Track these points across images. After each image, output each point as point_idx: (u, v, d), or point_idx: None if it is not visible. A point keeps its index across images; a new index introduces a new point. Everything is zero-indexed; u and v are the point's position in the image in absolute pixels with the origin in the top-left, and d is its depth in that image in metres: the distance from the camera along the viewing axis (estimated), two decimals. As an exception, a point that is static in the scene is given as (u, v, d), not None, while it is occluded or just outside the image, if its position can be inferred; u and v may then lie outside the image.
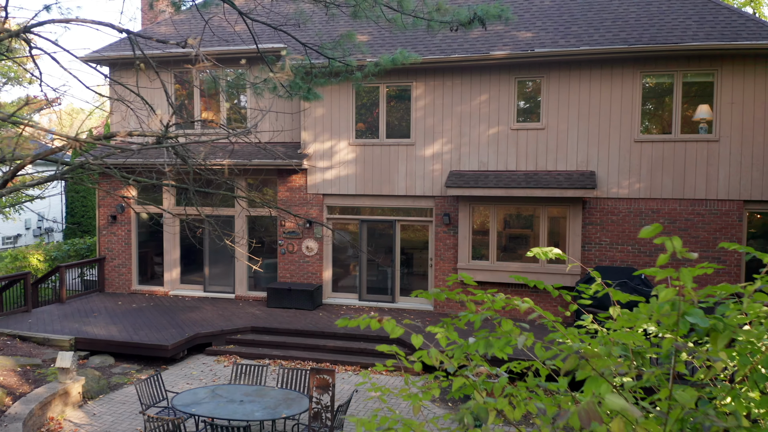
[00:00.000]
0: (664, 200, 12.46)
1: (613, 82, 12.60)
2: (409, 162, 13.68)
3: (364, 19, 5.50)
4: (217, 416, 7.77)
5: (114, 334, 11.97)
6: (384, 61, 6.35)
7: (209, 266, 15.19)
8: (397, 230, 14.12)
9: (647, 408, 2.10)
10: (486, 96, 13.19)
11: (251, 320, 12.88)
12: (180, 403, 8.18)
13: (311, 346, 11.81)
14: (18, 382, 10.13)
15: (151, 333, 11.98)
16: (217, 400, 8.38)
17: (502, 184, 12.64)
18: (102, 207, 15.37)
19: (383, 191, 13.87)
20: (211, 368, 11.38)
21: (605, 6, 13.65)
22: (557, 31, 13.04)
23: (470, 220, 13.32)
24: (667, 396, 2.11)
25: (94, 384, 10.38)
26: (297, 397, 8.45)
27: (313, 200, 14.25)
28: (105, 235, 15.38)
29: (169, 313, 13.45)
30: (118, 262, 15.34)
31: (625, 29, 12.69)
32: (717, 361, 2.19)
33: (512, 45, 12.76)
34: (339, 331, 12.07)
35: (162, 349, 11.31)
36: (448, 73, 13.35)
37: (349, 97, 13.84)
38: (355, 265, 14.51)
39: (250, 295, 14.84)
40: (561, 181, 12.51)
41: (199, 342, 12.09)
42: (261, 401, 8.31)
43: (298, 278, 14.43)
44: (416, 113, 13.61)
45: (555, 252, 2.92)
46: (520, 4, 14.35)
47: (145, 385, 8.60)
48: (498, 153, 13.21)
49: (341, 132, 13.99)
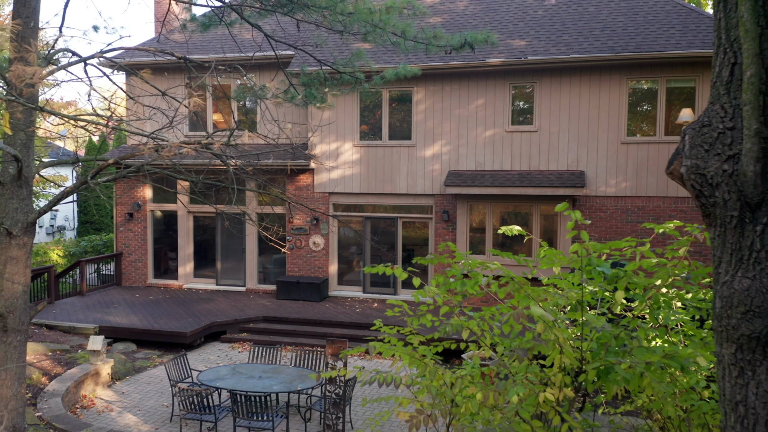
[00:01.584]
0: (649, 198, 13.63)
1: (601, 87, 13.78)
2: (411, 162, 14.86)
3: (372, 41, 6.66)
4: (238, 389, 8.93)
5: (135, 323, 13.14)
6: (388, 75, 7.50)
7: (221, 261, 16.38)
8: (399, 227, 15.30)
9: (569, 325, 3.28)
10: (482, 100, 14.38)
11: (262, 311, 14.06)
12: (205, 379, 9.35)
13: (319, 333, 12.98)
14: (51, 365, 11.31)
15: (170, 322, 13.16)
16: (237, 376, 9.55)
17: (498, 183, 13.82)
18: (119, 205, 16.56)
19: (386, 190, 15.06)
20: (227, 354, 12.56)
21: (594, 15, 14.84)
22: (549, 40, 14.22)
23: (468, 218, 14.50)
24: (581, 317, 3.30)
25: (120, 366, 11.56)
26: (310, 374, 9.62)
27: (319, 198, 15.43)
28: (122, 231, 16.57)
29: (185, 305, 14.63)
30: (135, 257, 16.54)
31: (613, 38, 13.87)
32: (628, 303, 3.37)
33: (507, 53, 13.94)
34: (345, 320, 13.24)
35: (181, 335, 12.49)
36: (447, 79, 14.53)
37: (354, 101, 15.02)
38: (359, 260, 15.69)
39: (260, 288, 16.03)
40: (552, 180, 13.69)
41: (214, 330, 13.27)
42: (278, 377, 9.48)
43: (305, 272, 15.62)
44: (417, 116, 14.80)
45: (517, 229, 4.10)
46: (514, 13, 15.53)
47: (173, 364, 9.77)
48: (494, 154, 14.39)
49: (346, 134, 15.18)
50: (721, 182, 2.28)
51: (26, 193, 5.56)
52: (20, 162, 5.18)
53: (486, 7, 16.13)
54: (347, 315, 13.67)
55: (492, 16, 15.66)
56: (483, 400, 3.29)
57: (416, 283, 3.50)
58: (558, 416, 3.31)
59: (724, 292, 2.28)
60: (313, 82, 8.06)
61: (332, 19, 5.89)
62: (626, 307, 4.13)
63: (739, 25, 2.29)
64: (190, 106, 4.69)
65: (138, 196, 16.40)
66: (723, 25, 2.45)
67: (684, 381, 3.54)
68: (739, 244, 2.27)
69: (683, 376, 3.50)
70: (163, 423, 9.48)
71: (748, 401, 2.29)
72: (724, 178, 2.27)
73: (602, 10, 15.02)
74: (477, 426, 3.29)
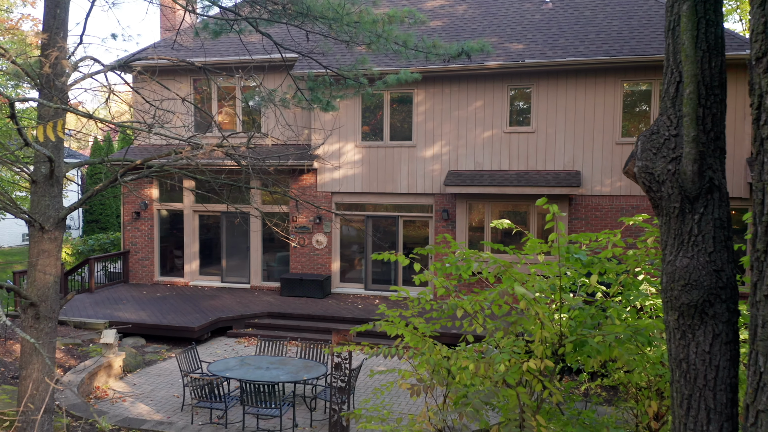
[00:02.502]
0: (642, 197, 14.17)
1: (596, 89, 14.32)
2: (411, 162, 15.40)
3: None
4: (247, 379, 9.46)
5: (144, 318, 13.68)
6: (391, 80, 8.03)
7: (226, 259, 16.92)
8: (400, 226, 15.84)
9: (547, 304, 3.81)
10: (481, 102, 14.92)
11: (267, 307, 14.60)
12: (215, 369, 9.89)
13: (323, 329, 13.51)
14: (65, 358, 11.85)
15: (178, 317, 13.70)
16: (246, 367, 10.09)
17: (496, 183, 14.36)
18: (126, 204, 17.11)
19: (387, 189, 15.60)
20: (233, 348, 13.10)
21: (590, 20, 15.38)
22: (546, 43, 14.76)
23: (467, 216, 15.04)
24: (559, 297, 3.83)
25: (131, 359, 12.09)
26: (315, 365, 10.16)
27: (322, 198, 15.97)
28: (129, 230, 17.12)
29: (192, 301, 15.17)
30: (142, 255, 17.08)
31: (608, 41, 14.41)
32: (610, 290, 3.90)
33: (505, 56, 14.48)
34: (347, 315, 13.78)
35: (189, 330, 13.03)
36: (446, 81, 15.07)
37: (356, 103, 15.56)
38: (361, 259, 16.23)
39: (264, 285, 16.57)
40: (549, 180, 14.23)
41: (221, 325, 13.81)
42: (284, 368, 10.02)
43: (308, 270, 16.16)
44: (417, 117, 15.34)
45: (506, 222, 4.63)
46: (512, 17, 16.08)
47: (183, 356, 10.30)
48: (492, 154, 14.94)
49: (348, 135, 15.72)
50: (666, 180, 2.80)
51: (57, 191, 6.10)
52: (53, 162, 5.72)
53: (485, 11, 16.67)
54: (350, 311, 14.20)
55: (490, 20, 16.21)
56: (475, 370, 3.83)
57: (417, 268, 4.03)
58: (540, 383, 3.85)
59: (669, 269, 2.80)
60: (319, 86, 8.61)
61: (339, 30, 6.42)
62: (606, 293, 4.67)
63: (681, 50, 2.82)
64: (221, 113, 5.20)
65: (145, 196, 16.93)
66: (671, 50, 2.99)
67: (651, 355, 4.06)
68: (681, 230, 2.79)
69: (651, 350, 4.03)
70: (175, 412, 10.02)
71: (690, 359, 2.81)
72: (669, 176, 2.80)
73: (598, 14, 15.56)
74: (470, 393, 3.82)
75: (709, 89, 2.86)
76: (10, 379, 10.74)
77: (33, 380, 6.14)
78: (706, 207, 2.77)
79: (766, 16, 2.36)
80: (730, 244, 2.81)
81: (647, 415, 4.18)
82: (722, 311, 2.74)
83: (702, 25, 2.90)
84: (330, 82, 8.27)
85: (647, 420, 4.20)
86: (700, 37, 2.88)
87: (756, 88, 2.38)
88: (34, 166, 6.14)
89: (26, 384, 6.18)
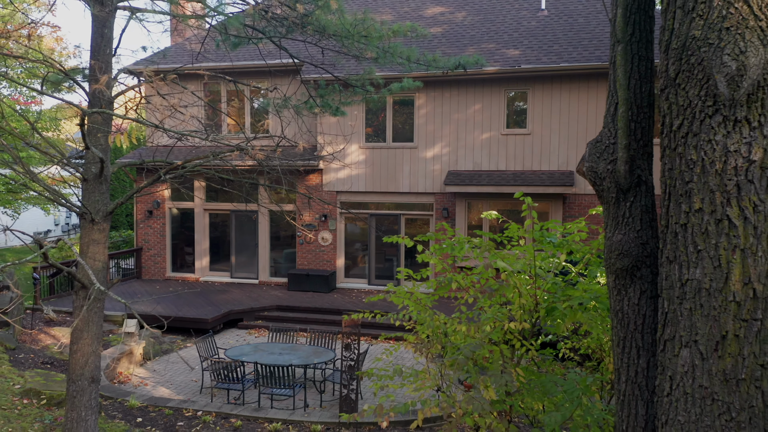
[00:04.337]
0: (633, 196, 15.19)
1: (589, 93, 15.36)
2: (413, 163, 16.45)
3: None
4: (262, 362, 10.49)
5: (159, 310, 14.72)
6: (395, 88, 9.07)
7: (235, 255, 17.97)
8: (402, 223, 16.88)
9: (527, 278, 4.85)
10: (479, 105, 15.96)
11: (275, 300, 15.63)
12: (231, 355, 10.93)
13: (329, 321, 14.55)
14: (88, 346, 12.88)
15: (192, 310, 14.73)
16: (260, 353, 11.13)
17: (494, 182, 15.40)
18: (139, 203, 18.15)
19: (389, 188, 16.64)
20: (245, 338, 14.13)
21: (584, 26, 16.43)
22: (541, 50, 15.81)
23: (466, 214, 16.08)
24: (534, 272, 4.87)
25: (151, 348, 13.13)
26: (324, 351, 11.20)
27: (327, 197, 17.01)
28: (142, 228, 18.17)
29: (203, 295, 16.21)
30: (154, 251, 18.13)
31: (600, 48, 15.45)
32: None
33: (502, 62, 15.52)
34: (353, 308, 14.81)
35: (203, 322, 14.07)
36: (446, 86, 16.12)
37: (360, 106, 16.60)
38: (364, 255, 17.27)
39: (272, 281, 17.61)
40: (544, 180, 15.27)
41: (232, 318, 14.85)
42: (296, 354, 11.05)
43: (314, 266, 17.20)
44: (419, 120, 16.38)
45: (494, 214, 5.66)
46: (509, 24, 17.13)
47: (202, 344, 11.33)
48: (490, 155, 15.98)
49: (352, 136, 16.76)
50: (606, 176, 3.82)
51: (105, 188, 7.13)
52: (104, 163, 6.74)
53: (483, 18, 17.72)
54: (354, 304, 15.23)
55: (488, 26, 17.25)
56: (467, 331, 4.86)
57: (420, 248, 5.06)
58: (519, 341, 4.88)
59: (608, 243, 3.82)
60: (329, 93, 9.66)
61: (350, 46, 7.45)
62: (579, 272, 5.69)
63: (617, 80, 3.86)
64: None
65: (157, 195, 17.97)
66: (612, 78, 4.02)
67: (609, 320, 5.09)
68: (617, 213, 3.81)
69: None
70: (194, 394, 11.05)
71: (624, 310, 3.83)
72: (608, 174, 3.82)
73: (591, 21, 16.60)
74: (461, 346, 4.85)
75: (640, 108, 3.89)
76: (41, 364, 11.79)
77: (83, 353, 7.17)
78: (636, 197, 3.80)
79: (668, 59, 3.39)
80: (654, 224, 3.84)
81: (608, 370, 5.19)
82: (647, 274, 3.77)
83: (636, 60, 3.94)
84: (339, 89, 9.31)
85: (609, 375, 5.21)
86: (633, 69, 3.92)
87: (661, 110, 3.41)
88: (83, 166, 7.17)
89: (77, 357, 7.20)
